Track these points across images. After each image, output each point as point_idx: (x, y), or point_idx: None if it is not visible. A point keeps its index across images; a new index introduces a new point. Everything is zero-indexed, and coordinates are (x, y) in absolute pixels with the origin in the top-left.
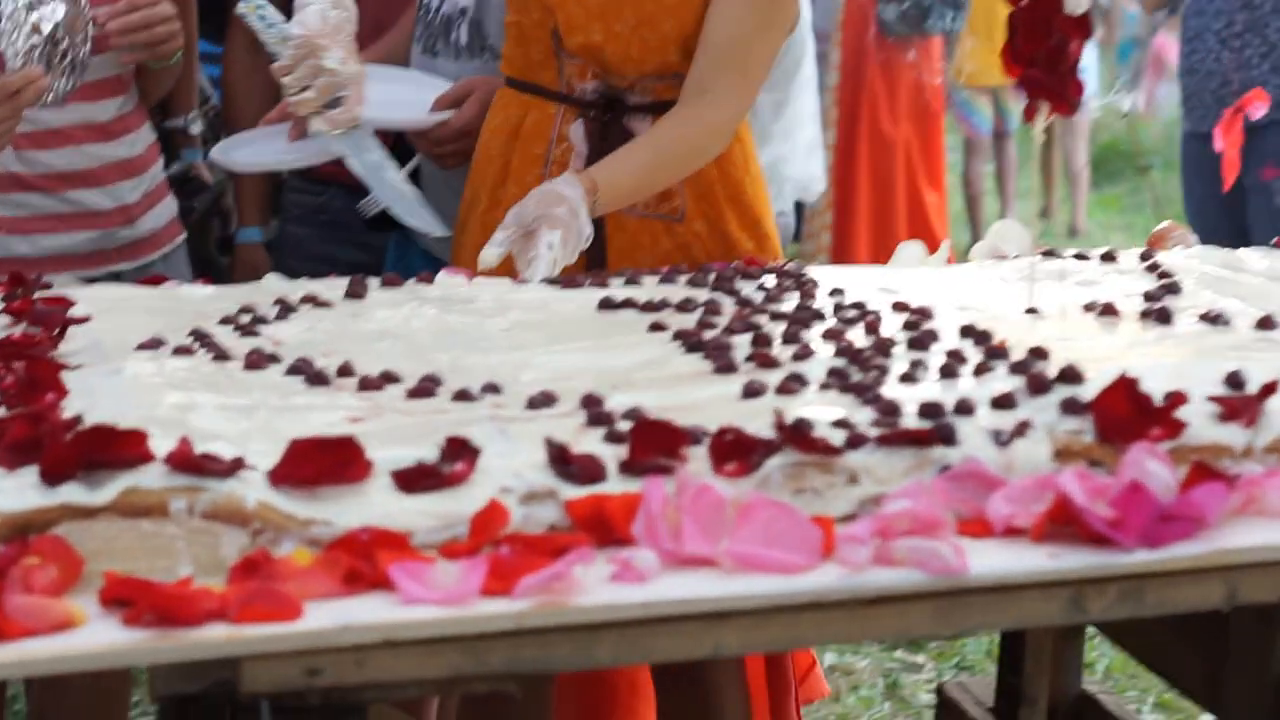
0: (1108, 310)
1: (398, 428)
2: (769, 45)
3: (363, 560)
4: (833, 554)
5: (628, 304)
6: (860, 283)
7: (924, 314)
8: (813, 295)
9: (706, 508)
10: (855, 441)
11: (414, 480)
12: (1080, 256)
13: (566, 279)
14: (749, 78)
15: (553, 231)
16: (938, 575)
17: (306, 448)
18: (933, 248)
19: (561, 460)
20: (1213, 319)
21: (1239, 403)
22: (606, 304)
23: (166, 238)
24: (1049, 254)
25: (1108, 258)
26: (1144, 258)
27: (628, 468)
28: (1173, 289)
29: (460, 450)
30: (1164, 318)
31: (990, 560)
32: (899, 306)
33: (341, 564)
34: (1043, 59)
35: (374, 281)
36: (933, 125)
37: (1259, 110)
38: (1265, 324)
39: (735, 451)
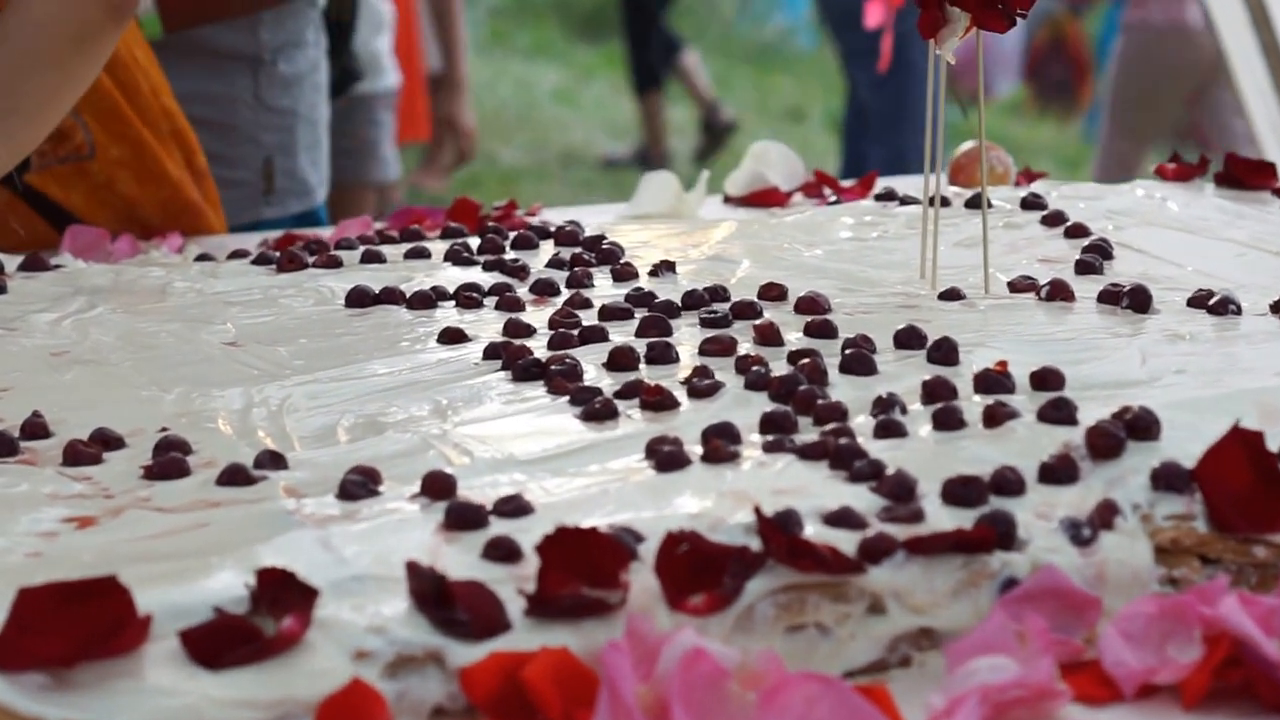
0: (1058, 292)
1: (154, 539)
2: None
3: None
4: None
5: (388, 297)
6: (660, 246)
7: (817, 307)
8: (633, 273)
9: (703, 685)
10: (875, 549)
11: (218, 646)
12: (909, 198)
13: (284, 253)
14: None
15: None
16: None
17: (46, 601)
18: None
19: (438, 599)
20: (1217, 307)
21: None
22: (358, 298)
23: None
24: (883, 196)
25: (976, 202)
26: (1030, 204)
27: (539, 605)
28: (1103, 250)
29: (281, 588)
30: (1140, 303)
31: None
32: (770, 294)
33: None
34: None
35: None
36: None
37: None
38: None
39: (698, 573)
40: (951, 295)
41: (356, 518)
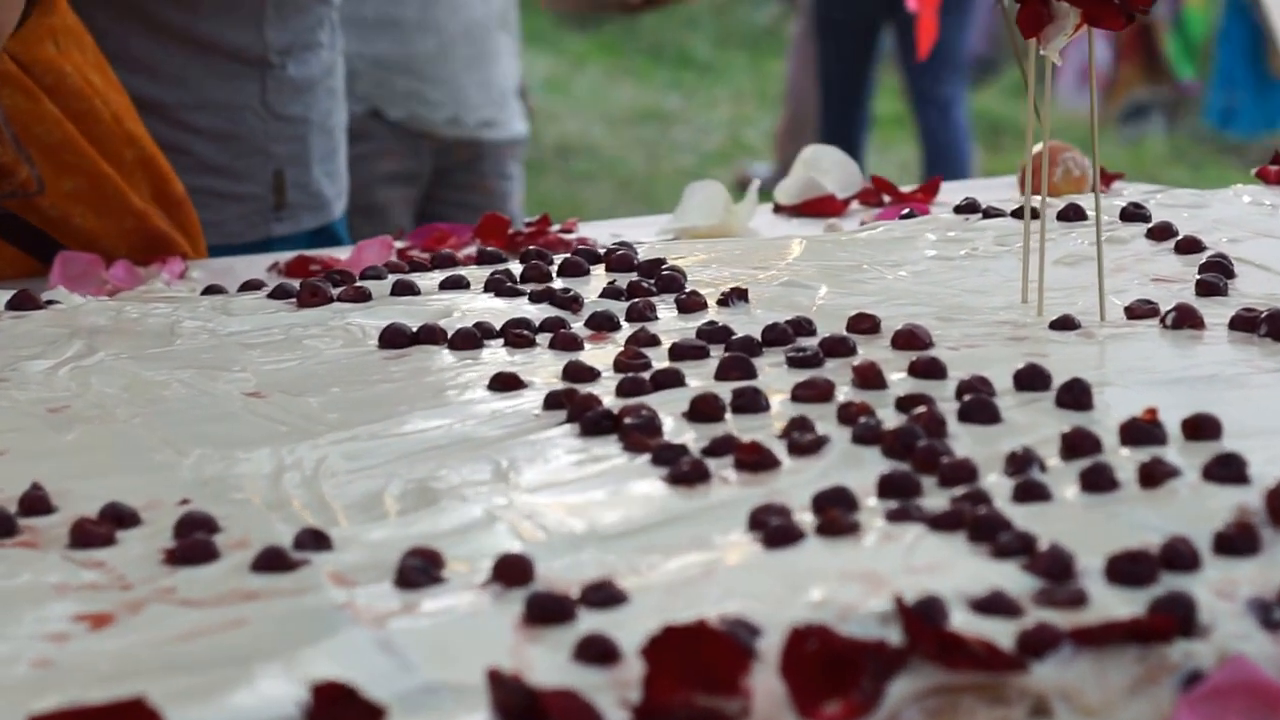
0: (1185, 319)
1: (183, 641)
2: None
3: None
4: None
5: (427, 336)
6: (724, 270)
7: (918, 342)
8: (701, 303)
9: None
10: (1037, 642)
11: None
12: (993, 209)
13: (304, 286)
14: None
15: None
16: None
17: None
18: None
19: (528, 714)
20: None
21: None
22: (393, 338)
23: None
24: (965, 208)
25: (1070, 214)
26: (1131, 215)
27: (647, 718)
28: (1223, 268)
29: (342, 705)
30: (1278, 329)
31: None
32: (861, 326)
33: None
34: None
35: None
36: None
37: None
38: None
39: (829, 674)
40: (1065, 324)
41: (419, 611)
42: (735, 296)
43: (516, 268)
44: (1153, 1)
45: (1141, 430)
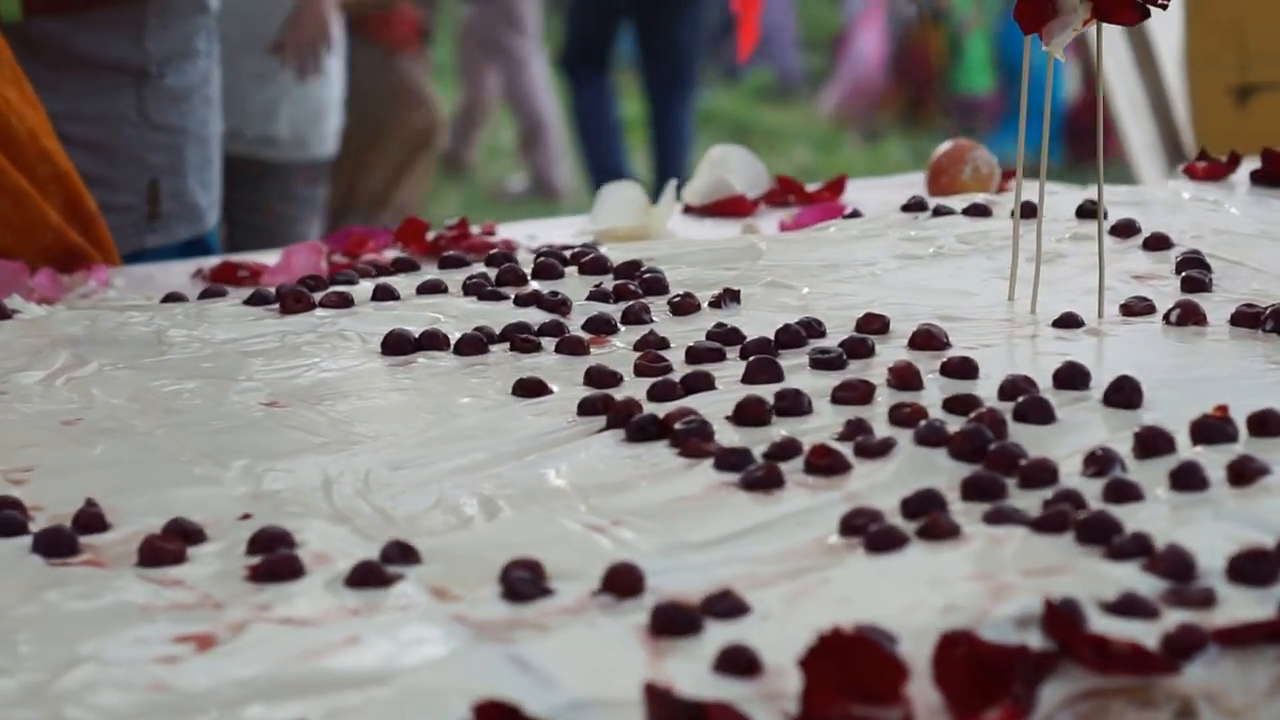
0: (1189, 315)
1: (299, 661)
2: None
3: None
4: None
5: (430, 342)
6: (695, 271)
7: (936, 341)
8: (695, 305)
9: None
10: (1184, 644)
11: None
12: (943, 208)
13: (288, 292)
14: None
15: None
16: None
17: None
18: None
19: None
20: None
21: None
22: (396, 344)
23: None
24: (913, 206)
25: (1029, 211)
26: (1088, 212)
27: None
28: (1199, 263)
29: None
30: None
31: None
32: (871, 326)
33: None
34: None
35: None
36: None
37: None
38: None
39: (981, 680)
40: (1068, 322)
41: (538, 625)
42: (728, 298)
43: (468, 270)
44: None
45: (1213, 428)
